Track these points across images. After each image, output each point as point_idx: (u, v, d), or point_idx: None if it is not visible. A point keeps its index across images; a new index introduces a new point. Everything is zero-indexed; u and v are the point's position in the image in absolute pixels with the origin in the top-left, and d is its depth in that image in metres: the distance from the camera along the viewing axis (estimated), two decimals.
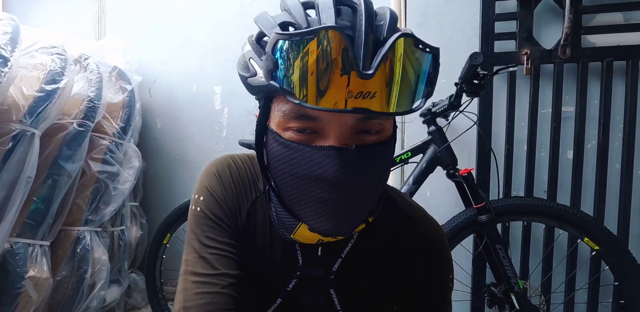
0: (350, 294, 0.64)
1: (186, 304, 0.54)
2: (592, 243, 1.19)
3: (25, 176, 1.38)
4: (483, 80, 1.13)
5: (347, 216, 0.52)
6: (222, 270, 0.57)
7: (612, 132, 1.44)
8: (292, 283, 0.63)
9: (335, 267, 0.63)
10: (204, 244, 0.58)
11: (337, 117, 0.48)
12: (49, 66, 1.48)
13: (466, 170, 1.22)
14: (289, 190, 0.53)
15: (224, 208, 0.61)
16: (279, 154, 0.52)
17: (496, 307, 1.25)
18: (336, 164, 0.48)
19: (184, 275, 0.58)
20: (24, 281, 1.38)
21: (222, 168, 0.65)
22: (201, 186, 0.63)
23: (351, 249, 0.63)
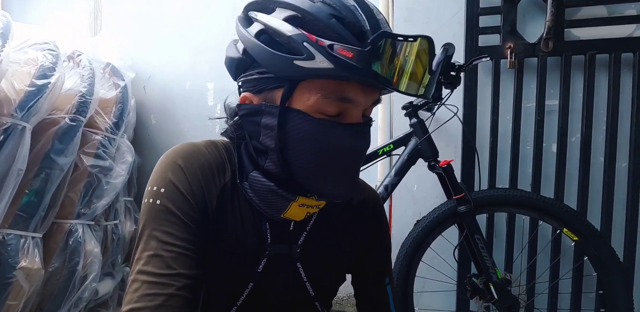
0: (315, 265, 0.68)
1: (135, 305, 0.52)
2: (570, 234, 1.20)
3: (16, 169, 1.41)
4: (459, 71, 1.14)
5: (357, 180, 0.63)
6: (178, 270, 0.54)
7: (595, 126, 1.45)
8: (263, 263, 0.64)
9: (300, 240, 0.67)
10: (162, 240, 0.55)
11: (364, 100, 0.57)
12: (40, 61, 1.51)
13: (445, 161, 1.23)
14: (314, 165, 0.57)
15: (189, 200, 0.58)
16: (311, 133, 0.56)
17: (477, 297, 1.26)
18: (362, 136, 0.59)
19: (135, 274, 0.54)
20: (15, 271, 1.41)
21: (185, 157, 0.61)
22: (161, 177, 0.59)
23: (313, 223, 0.68)
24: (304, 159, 0.57)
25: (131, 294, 0.53)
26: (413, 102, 1.33)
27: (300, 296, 0.69)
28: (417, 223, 1.31)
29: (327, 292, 0.73)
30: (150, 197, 0.58)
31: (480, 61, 1.14)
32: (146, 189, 0.60)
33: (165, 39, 2.19)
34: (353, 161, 0.60)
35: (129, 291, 0.54)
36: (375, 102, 0.60)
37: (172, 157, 0.61)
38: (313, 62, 0.52)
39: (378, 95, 0.59)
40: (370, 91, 0.57)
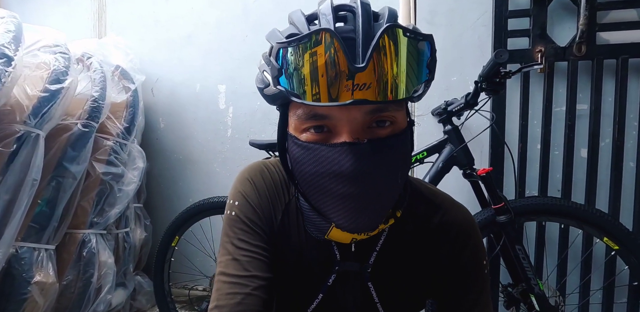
0: (387, 287, 0.66)
1: (219, 303, 0.57)
2: (611, 243, 1.17)
3: (30, 179, 1.34)
4: (504, 78, 1.10)
5: (368, 211, 0.52)
6: (253, 272, 0.59)
7: (626, 130, 1.43)
8: (332, 278, 0.65)
9: (371, 260, 0.64)
10: (237, 246, 0.61)
11: (346, 113, 0.50)
12: (52, 65, 1.44)
13: (484, 170, 1.20)
14: (312, 190, 0.55)
15: (258, 212, 0.64)
16: (299, 156, 0.55)
17: (513, 308, 1.24)
18: (350, 158, 0.50)
19: (218, 276, 0.60)
20: (30, 286, 1.35)
21: (255, 174, 0.68)
22: (236, 191, 0.66)
23: (384, 242, 0.65)
24: (303, 183, 0.56)
25: (215, 293, 0.59)
26: (447, 108, 1.30)
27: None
28: None
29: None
30: (228, 209, 0.65)
31: (532, 68, 1.10)
32: (227, 202, 0.67)
33: (173, 40, 2.12)
34: (351, 187, 0.50)
35: (214, 290, 0.60)
36: (377, 110, 0.50)
37: (244, 174, 0.68)
38: (270, 89, 0.55)
39: (374, 105, 0.49)
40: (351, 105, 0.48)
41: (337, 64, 0.46)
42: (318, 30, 0.46)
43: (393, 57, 0.48)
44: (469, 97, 1.22)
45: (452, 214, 0.66)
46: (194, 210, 1.62)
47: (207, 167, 2.09)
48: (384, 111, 0.51)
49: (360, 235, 0.59)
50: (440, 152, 1.30)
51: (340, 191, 0.51)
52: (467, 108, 1.25)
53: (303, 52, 0.47)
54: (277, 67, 0.49)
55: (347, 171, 0.50)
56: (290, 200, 0.67)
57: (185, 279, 2.02)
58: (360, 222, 0.52)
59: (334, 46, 0.46)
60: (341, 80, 0.47)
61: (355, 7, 0.52)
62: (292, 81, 0.49)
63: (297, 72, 0.48)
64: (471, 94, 1.21)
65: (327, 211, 0.54)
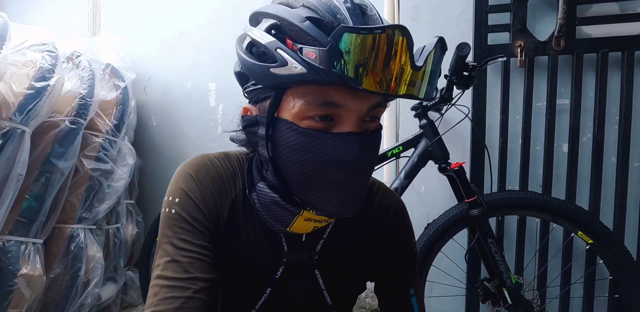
0: (333, 273, 0.68)
1: (156, 308, 0.54)
2: (586, 237, 1.17)
3: (16, 174, 1.38)
4: (473, 71, 1.11)
5: (355, 196, 0.57)
6: (195, 274, 0.56)
7: (607, 125, 1.42)
8: (280, 270, 0.65)
9: (318, 248, 0.66)
10: (178, 246, 0.58)
11: (357, 104, 0.52)
12: (39, 63, 1.48)
13: (457, 164, 1.20)
14: (303, 177, 0.55)
15: (202, 209, 0.61)
16: (296, 143, 0.54)
17: (489, 302, 1.24)
18: (357, 147, 0.53)
19: (154, 280, 0.57)
20: (17, 279, 1.38)
21: (198, 168, 0.64)
22: (176, 187, 0.62)
23: (331, 230, 0.67)
24: (293, 170, 0.56)
25: (151, 298, 0.55)
26: (422, 103, 1.30)
27: (318, 304, 0.68)
28: (428, 227, 1.28)
29: (345, 300, 0.72)
30: (166, 207, 0.61)
31: (496, 61, 1.11)
32: (164, 199, 0.62)
33: (165, 38, 2.15)
34: (349, 175, 0.54)
35: (150, 295, 0.56)
36: (376, 105, 0.54)
37: (186, 169, 0.64)
38: (287, 69, 0.51)
39: (378, 99, 0.54)
40: (363, 94, 0.51)
41: (402, 60, 0.49)
42: (393, 26, 0.48)
43: (434, 63, 0.53)
44: (443, 92, 1.23)
45: (387, 199, 0.73)
46: None
47: None
48: (379, 106, 0.55)
49: (322, 223, 0.61)
50: (416, 147, 1.31)
51: (340, 178, 0.53)
52: (441, 102, 1.26)
53: (372, 42, 0.47)
54: (338, 50, 0.47)
55: (353, 159, 0.52)
56: (237, 194, 0.65)
57: None
58: (348, 206, 0.56)
59: (404, 44, 0.48)
60: (399, 75, 0.49)
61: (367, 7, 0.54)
62: (347, 68, 0.48)
63: (359, 60, 0.48)
64: (445, 89, 1.22)
65: (316, 197, 0.55)
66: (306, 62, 0.49)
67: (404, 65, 0.49)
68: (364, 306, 1.87)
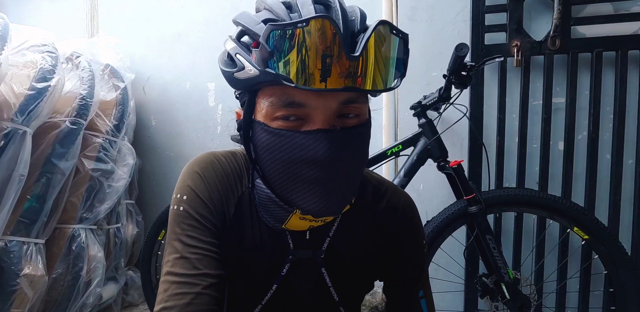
0: (340, 271, 0.67)
1: (166, 304, 0.54)
2: (581, 232, 1.20)
3: (18, 174, 1.38)
4: (471, 71, 1.13)
5: (337, 195, 0.55)
6: (204, 270, 0.57)
7: (602, 123, 1.45)
8: (286, 267, 0.65)
9: (324, 246, 0.66)
10: (186, 243, 0.58)
11: (323, 101, 0.51)
12: (39, 64, 1.48)
13: (456, 162, 1.22)
14: (280, 176, 0.55)
15: (209, 206, 0.61)
16: (269, 143, 0.55)
17: (488, 297, 1.26)
18: (325, 144, 0.51)
19: (164, 276, 0.57)
20: (19, 279, 1.38)
21: (205, 166, 0.64)
22: (183, 185, 0.63)
23: (337, 228, 0.67)
24: (271, 171, 0.56)
25: (162, 294, 0.56)
26: (422, 102, 1.32)
27: (325, 301, 0.69)
28: (427, 224, 1.30)
29: (352, 298, 0.72)
30: (174, 204, 0.62)
31: (494, 61, 1.13)
32: (172, 197, 0.63)
33: (163, 38, 2.16)
34: (322, 172, 0.52)
35: (160, 291, 0.56)
36: (349, 102, 0.53)
37: (193, 167, 0.65)
38: (244, 72, 0.53)
39: (348, 95, 0.52)
40: (327, 92, 0.51)
41: (332, 51, 0.47)
42: (318, 17, 0.47)
43: (380, 50, 0.51)
44: (442, 91, 1.25)
45: (396, 199, 0.71)
46: None
47: None
48: (354, 103, 0.54)
49: (318, 222, 0.60)
50: (415, 145, 1.33)
51: (313, 176, 0.53)
52: (440, 101, 1.28)
53: (298, 36, 0.47)
54: (269, 49, 0.48)
55: (322, 156, 0.51)
56: (243, 192, 0.65)
57: None
58: (330, 206, 0.55)
59: (330, 34, 0.47)
60: (334, 67, 0.48)
61: (332, 1, 0.54)
62: (282, 65, 0.48)
63: (290, 57, 0.47)
64: (443, 88, 1.24)
65: (295, 197, 0.55)
66: (253, 64, 0.51)
67: (338, 57, 0.48)
68: (364, 303, 1.89)
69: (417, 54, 1.62)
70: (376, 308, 1.86)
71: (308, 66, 0.48)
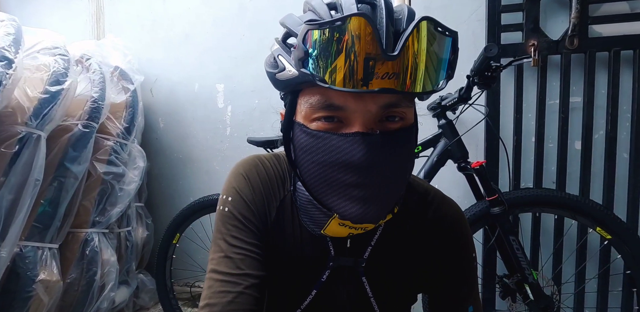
0: (381, 281, 0.66)
1: (210, 301, 0.56)
2: (604, 232, 1.19)
3: (33, 179, 1.37)
4: (495, 72, 1.12)
5: (375, 201, 0.52)
6: (246, 270, 0.58)
7: (619, 122, 1.44)
8: (326, 274, 0.64)
9: (365, 255, 0.65)
10: (230, 243, 0.60)
11: (362, 105, 0.50)
12: (52, 67, 1.47)
13: (478, 162, 1.22)
14: (317, 179, 0.54)
15: (251, 208, 0.62)
16: (307, 145, 0.54)
17: (509, 298, 1.25)
18: (362, 148, 0.50)
19: (209, 273, 0.59)
20: (35, 285, 1.37)
21: (250, 169, 0.66)
22: (229, 186, 0.64)
23: (379, 237, 0.65)
24: (309, 172, 0.55)
25: (206, 291, 0.58)
26: (441, 102, 1.31)
27: (364, 311, 0.67)
28: None
29: (393, 309, 0.69)
30: (221, 205, 0.63)
31: (522, 62, 1.12)
32: (219, 197, 0.65)
33: (170, 39, 2.14)
34: (359, 177, 0.51)
35: (205, 287, 0.59)
36: (391, 105, 0.51)
37: (238, 169, 0.66)
38: (284, 73, 0.53)
39: (390, 98, 0.51)
40: (367, 94, 0.49)
41: (369, 50, 0.46)
42: (353, 15, 0.45)
43: (422, 49, 0.48)
44: (462, 92, 1.24)
45: (444, 210, 0.68)
46: (194, 207, 1.65)
47: (207, 165, 2.11)
48: (397, 106, 0.52)
49: (358, 230, 0.58)
50: (435, 146, 1.32)
51: (349, 181, 0.51)
52: (460, 102, 1.27)
53: (334, 36, 0.45)
54: (304, 49, 0.47)
55: (359, 160, 0.50)
56: (285, 196, 0.65)
57: (187, 275, 2.05)
58: (367, 213, 0.52)
59: (367, 33, 0.45)
60: (371, 67, 0.46)
61: (377, 1, 0.51)
62: (318, 65, 0.47)
63: (326, 56, 0.46)
64: (464, 89, 1.23)
65: (332, 201, 0.54)
66: (293, 65, 0.51)
67: (375, 56, 0.46)
68: None
69: None
70: None
71: (344, 66, 0.46)
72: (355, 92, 0.48)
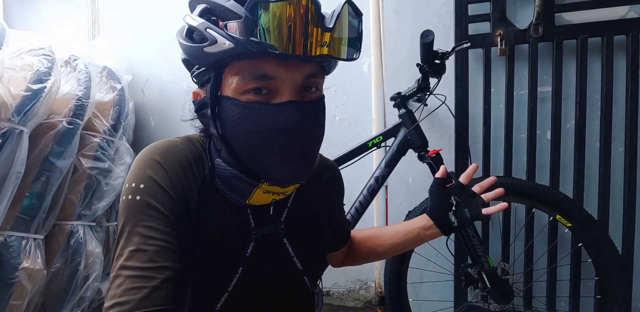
0: (299, 240, 0.71)
1: (120, 299, 0.51)
2: (564, 220, 1.18)
3: (15, 172, 1.44)
4: (443, 59, 1.13)
5: (305, 162, 0.60)
6: (162, 263, 0.55)
7: (590, 111, 1.42)
8: (250, 247, 0.66)
9: (283, 217, 0.70)
10: (144, 235, 0.56)
11: (290, 74, 0.56)
12: (35, 67, 1.54)
13: (434, 151, 1.22)
14: (251, 148, 0.58)
15: (170, 194, 0.59)
16: (239, 117, 0.57)
17: (472, 287, 1.25)
18: (295, 114, 0.56)
19: (117, 270, 0.54)
20: (18, 272, 1.44)
21: (163, 153, 0.62)
22: (140, 173, 0.60)
23: (293, 200, 0.72)
24: (241, 144, 0.59)
25: (114, 289, 0.52)
26: (401, 92, 1.33)
27: (289, 272, 0.71)
28: (409, 214, 1.30)
29: (314, 265, 0.75)
30: (130, 194, 0.59)
31: (462, 47, 1.13)
32: (124, 186, 0.61)
33: (161, 41, 2.21)
34: (291, 141, 0.57)
35: (112, 286, 0.53)
36: (311, 75, 0.58)
37: (150, 154, 0.62)
38: (217, 46, 0.55)
39: (311, 69, 0.58)
40: (294, 64, 0.56)
41: (309, 23, 0.53)
42: None
43: (347, 24, 0.57)
44: (420, 81, 1.25)
45: (329, 165, 0.83)
46: None
47: None
48: (315, 77, 0.59)
49: (279, 195, 0.64)
50: (395, 136, 1.33)
51: (284, 144, 0.57)
52: (420, 92, 1.28)
53: (281, 9, 0.52)
54: (252, 19, 0.52)
55: (293, 125, 0.56)
56: (205, 176, 0.64)
57: None
58: (299, 172, 0.59)
59: (309, 8, 0.53)
60: (312, 37, 0.53)
61: None
62: (265, 35, 0.52)
63: (272, 27, 0.52)
64: (420, 78, 1.24)
65: (266, 166, 0.59)
66: (231, 37, 0.53)
67: (316, 28, 0.53)
68: (358, 297, 1.89)
69: (403, 46, 1.63)
70: (370, 302, 1.86)
71: (291, 36, 0.52)
72: (302, 57, 0.55)
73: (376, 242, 0.90)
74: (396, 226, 0.90)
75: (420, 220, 0.86)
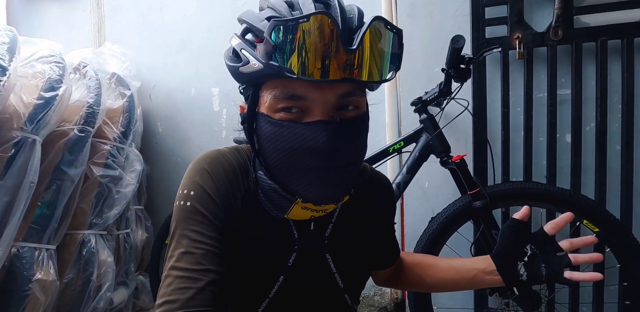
0: (343, 257, 0.71)
1: (169, 298, 0.55)
2: (591, 225, 1.16)
3: (28, 181, 1.41)
4: (469, 64, 1.11)
5: (336, 183, 0.59)
6: (207, 266, 0.58)
7: (610, 113, 1.41)
8: (292, 257, 0.67)
9: (327, 233, 0.69)
10: (192, 238, 0.59)
11: (321, 94, 0.55)
12: (47, 74, 1.52)
13: (458, 156, 1.21)
14: (282, 165, 0.59)
15: (216, 201, 0.62)
16: (272, 134, 0.58)
17: (497, 294, 1.23)
18: (325, 134, 0.55)
19: (168, 270, 0.58)
20: (31, 284, 1.41)
21: (211, 162, 0.66)
22: (190, 181, 0.63)
23: (338, 216, 0.70)
24: (273, 159, 0.60)
25: (165, 288, 0.57)
26: (422, 97, 1.31)
27: (330, 288, 0.71)
28: (432, 220, 1.28)
29: (355, 284, 0.75)
30: (181, 200, 0.62)
31: (491, 52, 1.12)
32: (177, 193, 0.64)
33: (167, 46, 2.20)
34: (322, 161, 0.56)
35: (163, 285, 0.57)
36: (347, 95, 0.57)
37: (200, 163, 0.66)
38: (249, 67, 0.56)
39: (346, 88, 0.56)
40: (326, 84, 0.54)
41: (331, 45, 0.51)
42: (317, 13, 0.51)
43: (375, 44, 0.54)
44: (442, 86, 1.24)
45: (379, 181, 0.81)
46: None
47: None
48: (352, 95, 0.57)
49: (319, 212, 0.63)
50: (417, 142, 1.31)
51: (313, 165, 0.56)
52: (441, 96, 1.27)
53: (299, 31, 0.51)
54: (272, 43, 0.52)
55: (322, 145, 0.55)
56: (249, 186, 0.66)
57: None
58: (328, 193, 0.58)
59: (329, 29, 0.51)
60: (333, 61, 0.52)
61: (331, 0, 0.58)
62: (285, 58, 0.52)
63: (291, 50, 0.51)
64: (443, 83, 1.22)
65: (296, 185, 0.58)
66: (257, 58, 0.55)
67: (336, 51, 0.52)
68: (373, 303, 1.87)
69: (417, 50, 1.62)
70: (385, 309, 1.84)
71: (309, 59, 0.51)
72: (318, 81, 0.53)
73: (425, 272, 0.84)
74: (452, 260, 0.83)
75: (481, 261, 0.75)
